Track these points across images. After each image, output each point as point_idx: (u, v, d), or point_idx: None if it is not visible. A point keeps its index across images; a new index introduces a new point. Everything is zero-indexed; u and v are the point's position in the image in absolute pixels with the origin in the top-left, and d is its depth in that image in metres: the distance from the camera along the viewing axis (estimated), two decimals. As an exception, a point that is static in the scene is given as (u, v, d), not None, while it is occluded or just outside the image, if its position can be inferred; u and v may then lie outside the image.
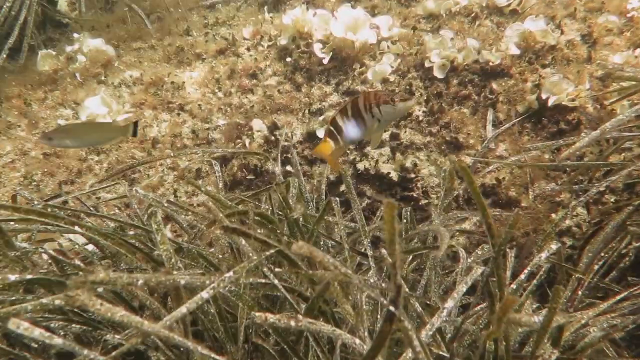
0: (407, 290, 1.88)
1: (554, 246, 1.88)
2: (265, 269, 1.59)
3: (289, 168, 3.02)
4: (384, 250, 1.85)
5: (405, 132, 3.03)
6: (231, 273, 1.28)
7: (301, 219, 2.24)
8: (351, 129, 2.12)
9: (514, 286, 1.92)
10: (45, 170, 3.09)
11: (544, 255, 1.86)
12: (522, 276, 1.94)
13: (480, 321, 1.77)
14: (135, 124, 2.48)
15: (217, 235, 2.11)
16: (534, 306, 2.11)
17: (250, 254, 1.60)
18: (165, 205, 2.23)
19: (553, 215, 2.77)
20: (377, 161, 2.97)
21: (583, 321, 1.77)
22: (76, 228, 1.62)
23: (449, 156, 2.98)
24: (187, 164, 3.07)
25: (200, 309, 1.61)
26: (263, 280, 1.56)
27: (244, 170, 3.03)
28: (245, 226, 2.03)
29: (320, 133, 3.03)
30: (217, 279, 1.25)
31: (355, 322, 1.49)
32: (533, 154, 2.86)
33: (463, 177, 2.91)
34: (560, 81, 2.94)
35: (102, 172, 3.10)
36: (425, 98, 3.11)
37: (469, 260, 2.05)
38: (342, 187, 2.99)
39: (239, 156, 3.04)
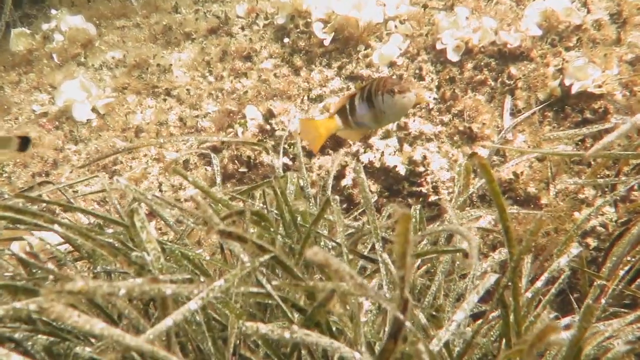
0: (412, 301, 1.86)
1: (574, 250, 1.86)
2: (260, 276, 1.56)
3: (285, 160, 3.00)
4: (385, 255, 1.82)
5: (414, 121, 3.01)
6: (222, 281, 1.26)
7: (299, 218, 2.22)
8: (363, 113, 2.09)
9: (529, 294, 1.90)
10: (18, 160, 3.08)
11: (563, 260, 1.84)
12: (539, 283, 1.92)
13: (492, 333, 1.75)
14: (24, 139, 2.32)
15: (206, 235, 2.09)
16: (552, 315, 2.09)
17: (242, 256, 1.57)
18: (149, 198, 2.21)
19: (576, 213, 2.75)
20: (382, 153, 2.95)
21: (607, 333, 1.74)
22: (55, 227, 1.59)
23: (462, 148, 2.96)
24: (175, 155, 3.05)
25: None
26: (256, 290, 1.54)
27: (235, 162, 3.01)
28: (238, 225, 2.02)
29: (321, 122, 3.00)
30: (207, 288, 1.23)
31: (353, 335, 1.47)
32: (557, 148, 2.84)
33: (480, 174, 2.90)
34: (585, 66, 2.91)
35: (81, 163, 3.08)
36: (436, 84, 3.08)
37: (485, 265, 2.03)
38: (344, 182, 2.97)
39: (230, 147, 3.02)
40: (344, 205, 3.00)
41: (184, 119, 3.17)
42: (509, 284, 1.62)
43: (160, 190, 3.00)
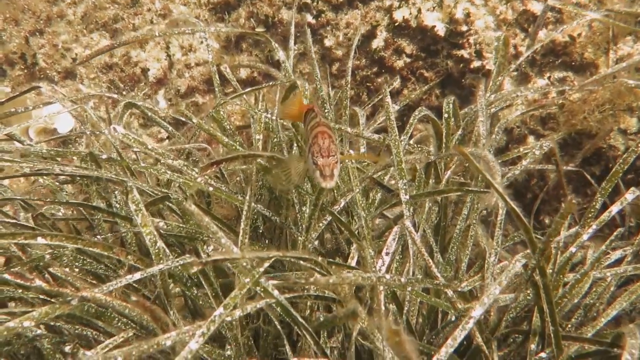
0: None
1: (629, 196, 1.83)
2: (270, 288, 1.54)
3: (309, 18, 2.85)
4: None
5: (457, -32, 2.79)
6: (221, 309, 1.28)
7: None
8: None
9: (573, 249, 1.88)
10: (8, 15, 2.96)
11: (614, 208, 1.82)
12: (585, 237, 1.89)
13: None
14: None
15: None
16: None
17: (245, 263, 1.52)
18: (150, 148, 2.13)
19: None
20: (419, 9, 2.78)
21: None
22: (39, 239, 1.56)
23: (512, 3, 2.76)
24: (182, 9, 2.91)
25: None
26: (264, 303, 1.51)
27: (251, 20, 2.87)
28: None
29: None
30: (206, 323, 1.25)
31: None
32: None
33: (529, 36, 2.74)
34: None
35: (77, 19, 2.96)
36: None
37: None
38: (375, 44, 2.84)
39: (246, 2, 2.86)
40: (374, 69, 2.90)
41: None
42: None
43: (168, 55, 2.90)
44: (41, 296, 1.57)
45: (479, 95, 2.26)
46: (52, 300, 1.53)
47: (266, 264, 1.40)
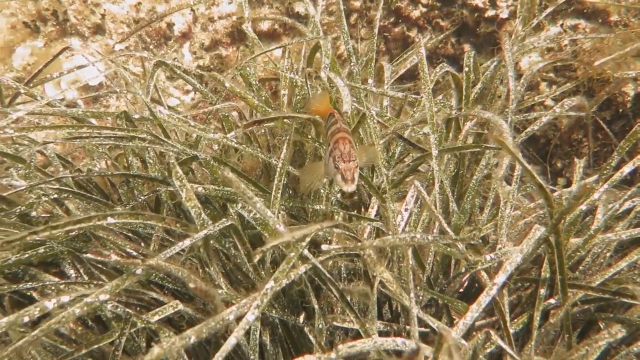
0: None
1: None
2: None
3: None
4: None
5: None
6: (272, 283, 1.41)
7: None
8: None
9: (584, 207, 1.98)
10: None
11: (627, 169, 1.91)
12: (596, 195, 1.99)
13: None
14: None
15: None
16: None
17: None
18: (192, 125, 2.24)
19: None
20: (435, -40, 2.83)
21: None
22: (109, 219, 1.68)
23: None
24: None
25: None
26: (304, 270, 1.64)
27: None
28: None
29: None
30: (259, 294, 1.38)
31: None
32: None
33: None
34: None
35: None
36: None
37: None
38: (392, -6, 2.90)
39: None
40: (391, 19, 2.97)
41: None
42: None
43: (193, 10, 2.97)
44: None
45: (505, 49, 2.33)
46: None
47: (308, 239, 1.54)
